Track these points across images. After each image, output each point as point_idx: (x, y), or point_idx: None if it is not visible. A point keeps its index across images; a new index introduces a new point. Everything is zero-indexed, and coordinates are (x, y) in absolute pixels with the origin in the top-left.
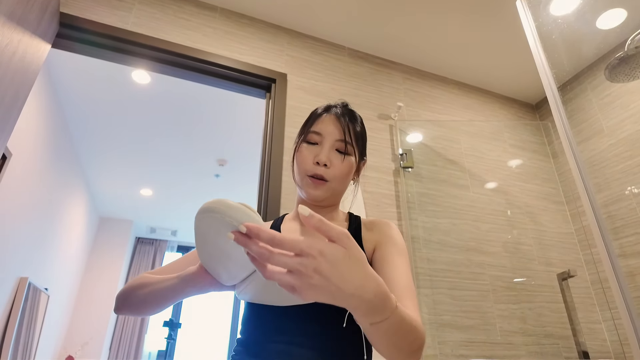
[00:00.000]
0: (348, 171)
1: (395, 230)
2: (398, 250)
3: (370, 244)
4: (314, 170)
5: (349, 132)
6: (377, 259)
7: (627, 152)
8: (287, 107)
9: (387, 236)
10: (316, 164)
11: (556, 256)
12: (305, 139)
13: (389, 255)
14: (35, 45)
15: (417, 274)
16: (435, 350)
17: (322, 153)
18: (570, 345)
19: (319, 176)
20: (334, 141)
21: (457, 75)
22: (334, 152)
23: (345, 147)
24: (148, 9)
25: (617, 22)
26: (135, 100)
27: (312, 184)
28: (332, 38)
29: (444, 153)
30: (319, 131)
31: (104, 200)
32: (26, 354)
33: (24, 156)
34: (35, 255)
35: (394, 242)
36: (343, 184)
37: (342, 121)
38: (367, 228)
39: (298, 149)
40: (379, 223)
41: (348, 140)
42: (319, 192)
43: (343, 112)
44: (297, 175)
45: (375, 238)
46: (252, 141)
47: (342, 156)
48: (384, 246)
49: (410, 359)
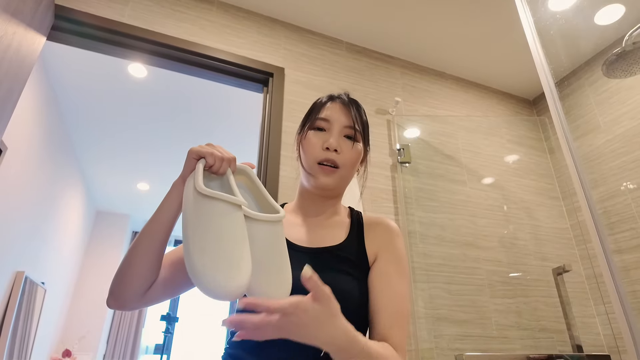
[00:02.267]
0: (357, 158)
1: (399, 239)
2: (398, 269)
3: (373, 248)
4: (325, 156)
5: (357, 119)
6: (376, 273)
7: (624, 148)
8: (284, 101)
9: (390, 248)
10: (326, 150)
11: (552, 251)
12: (312, 126)
13: (389, 271)
14: (30, 38)
15: (413, 268)
16: (431, 344)
17: (332, 138)
18: (565, 339)
19: (331, 161)
20: (342, 127)
21: (455, 70)
22: (342, 138)
23: (354, 134)
24: (144, 2)
25: (615, 18)
26: (131, 94)
27: (323, 171)
28: (330, 32)
29: (441, 148)
30: (327, 117)
31: (101, 194)
32: (23, 348)
33: (19, 150)
34: (32, 249)
35: (395, 258)
36: (351, 171)
37: (351, 108)
38: (370, 228)
39: (305, 136)
40: (382, 225)
41: (357, 128)
42: (330, 180)
43: (350, 100)
44: (306, 163)
45: (378, 243)
46: (249, 135)
47: (351, 142)
48: (386, 260)
49: None
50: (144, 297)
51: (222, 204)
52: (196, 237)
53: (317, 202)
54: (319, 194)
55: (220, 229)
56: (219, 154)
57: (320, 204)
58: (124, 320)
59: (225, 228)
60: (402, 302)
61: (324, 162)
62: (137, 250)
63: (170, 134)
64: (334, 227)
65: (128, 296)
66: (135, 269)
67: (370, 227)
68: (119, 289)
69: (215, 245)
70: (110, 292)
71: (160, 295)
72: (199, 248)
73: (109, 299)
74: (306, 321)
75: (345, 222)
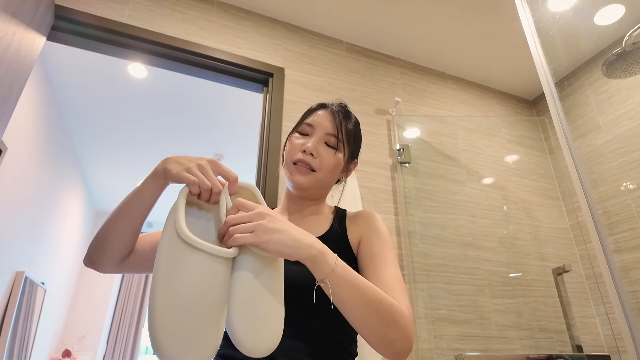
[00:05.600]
0: (335, 165)
1: (379, 221)
2: (383, 243)
3: (355, 235)
4: (300, 157)
5: (340, 129)
6: (364, 253)
7: (623, 149)
8: (284, 101)
9: (371, 227)
10: (302, 152)
11: (551, 251)
12: (297, 129)
13: (376, 248)
14: (30, 38)
15: (413, 268)
16: (431, 344)
17: (310, 143)
18: (565, 339)
19: (306, 164)
20: (324, 134)
21: (455, 70)
22: (322, 144)
23: (336, 143)
24: (144, 2)
25: (615, 18)
26: (131, 94)
27: (298, 170)
28: (330, 32)
29: (441, 148)
30: (311, 123)
31: (101, 194)
32: (23, 348)
33: (19, 150)
34: (32, 249)
35: (378, 233)
36: (328, 176)
37: (336, 117)
38: (352, 220)
39: (289, 139)
40: (362, 214)
41: (340, 137)
42: (303, 179)
43: (338, 110)
44: (285, 163)
45: (360, 230)
46: (249, 135)
47: (331, 150)
48: (369, 239)
49: (389, 331)
50: (119, 265)
51: (202, 255)
52: (164, 292)
53: (300, 203)
54: (300, 195)
55: (194, 287)
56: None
57: (302, 204)
58: (124, 320)
59: (201, 287)
60: (397, 270)
61: (298, 163)
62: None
63: (170, 134)
64: (316, 221)
65: (103, 263)
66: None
67: (352, 219)
68: (95, 255)
69: (184, 309)
70: (88, 255)
71: (137, 268)
72: (164, 308)
73: (86, 259)
74: (277, 217)
75: (328, 218)
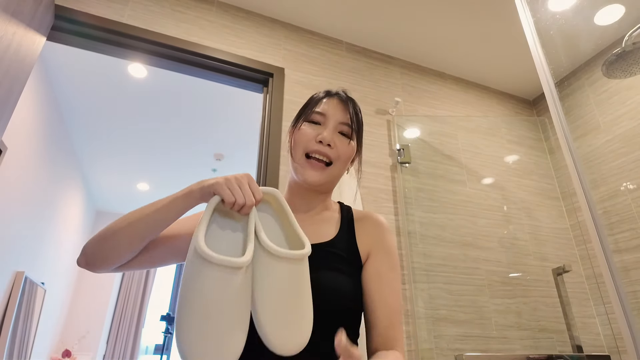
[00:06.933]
0: (350, 155)
1: (389, 233)
2: (391, 262)
3: (365, 246)
4: (317, 148)
5: (353, 117)
6: (370, 271)
7: (623, 149)
8: (284, 101)
9: (381, 245)
10: (319, 143)
11: (551, 251)
12: (307, 118)
13: (383, 269)
14: (30, 38)
15: (413, 268)
16: (431, 344)
17: (326, 132)
18: (565, 339)
19: (324, 154)
20: (337, 123)
21: (455, 70)
22: (337, 134)
23: (350, 132)
24: (144, 2)
25: (615, 18)
26: (131, 94)
27: (309, 165)
28: (330, 32)
29: (441, 148)
30: (324, 112)
31: (101, 194)
32: (23, 348)
33: (19, 150)
34: (32, 249)
35: (387, 252)
36: (343, 168)
37: (349, 105)
38: (360, 224)
39: (298, 128)
40: (371, 220)
41: (353, 126)
42: (317, 175)
43: (347, 98)
44: (296, 155)
45: (370, 242)
46: (249, 135)
47: (345, 139)
48: (378, 255)
49: None
50: (116, 269)
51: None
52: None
53: (307, 197)
54: (308, 189)
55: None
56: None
57: (309, 199)
58: (124, 320)
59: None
60: (397, 298)
61: (315, 155)
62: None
63: (170, 134)
64: (324, 223)
65: (104, 266)
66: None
67: (360, 222)
68: (94, 257)
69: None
70: (84, 254)
71: (136, 267)
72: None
73: (81, 259)
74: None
75: (335, 218)
